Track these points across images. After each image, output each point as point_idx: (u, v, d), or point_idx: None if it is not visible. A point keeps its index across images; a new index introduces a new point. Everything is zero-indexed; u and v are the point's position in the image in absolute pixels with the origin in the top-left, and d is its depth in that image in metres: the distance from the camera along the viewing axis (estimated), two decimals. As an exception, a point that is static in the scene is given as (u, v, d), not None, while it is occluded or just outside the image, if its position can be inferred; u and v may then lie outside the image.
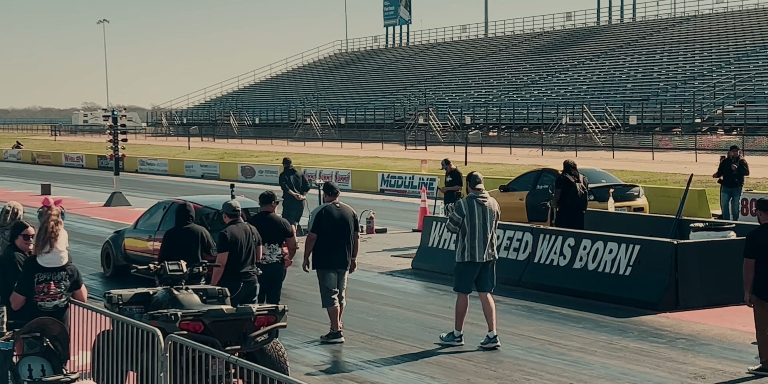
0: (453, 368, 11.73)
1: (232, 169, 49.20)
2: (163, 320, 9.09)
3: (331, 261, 12.88)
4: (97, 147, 74.58)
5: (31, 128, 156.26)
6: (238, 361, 7.41)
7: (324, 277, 12.96)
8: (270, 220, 12.66)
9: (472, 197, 12.68)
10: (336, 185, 13.30)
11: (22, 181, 47.32)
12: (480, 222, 12.51)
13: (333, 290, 12.94)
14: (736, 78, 66.89)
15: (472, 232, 12.52)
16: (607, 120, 67.49)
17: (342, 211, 12.92)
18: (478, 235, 12.52)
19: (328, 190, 13.06)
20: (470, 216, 12.51)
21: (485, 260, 12.63)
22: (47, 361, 8.58)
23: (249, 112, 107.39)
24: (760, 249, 10.93)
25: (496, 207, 12.71)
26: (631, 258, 15.46)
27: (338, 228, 12.84)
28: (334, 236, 12.83)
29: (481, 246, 12.53)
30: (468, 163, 46.83)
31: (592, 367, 11.69)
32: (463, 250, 12.65)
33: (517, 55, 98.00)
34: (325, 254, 12.88)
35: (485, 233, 12.54)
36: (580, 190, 18.67)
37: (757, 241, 10.96)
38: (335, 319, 13.01)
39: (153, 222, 17.78)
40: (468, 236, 12.54)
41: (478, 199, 12.61)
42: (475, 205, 12.56)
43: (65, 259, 9.23)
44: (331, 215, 12.82)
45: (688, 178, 20.34)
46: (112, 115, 33.28)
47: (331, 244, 12.83)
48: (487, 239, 12.56)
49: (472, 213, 12.52)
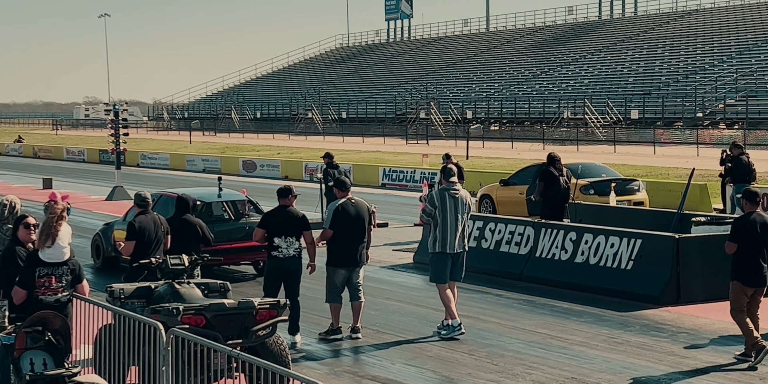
0: (454, 362, 11.73)
1: (233, 164, 49.19)
2: (165, 314, 9.09)
3: (345, 258, 12.81)
4: (98, 141, 74.59)
5: (32, 122, 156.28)
6: (240, 355, 7.41)
7: (334, 274, 12.90)
8: (287, 213, 12.64)
9: (444, 189, 12.95)
10: (348, 180, 13.24)
11: (24, 175, 47.31)
12: (452, 214, 12.82)
13: (339, 287, 12.91)
14: (737, 72, 66.82)
15: (444, 224, 12.83)
16: (608, 114, 67.46)
17: (357, 207, 12.86)
18: (449, 227, 12.82)
19: (341, 185, 12.98)
20: (442, 208, 12.83)
21: (456, 251, 12.91)
22: (49, 355, 8.57)
23: (250, 106, 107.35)
24: (743, 236, 11.43)
25: (468, 199, 13.02)
26: (632, 252, 15.45)
27: (354, 224, 12.76)
28: (350, 233, 12.74)
29: (453, 237, 12.83)
30: (469, 158, 46.81)
31: (594, 361, 11.69)
32: (434, 240, 12.96)
33: (519, 49, 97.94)
34: (339, 251, 12.81)
35: (456, 225, 12.84)
36: (563, 184, 18.89)
37: (742, 228, 11.49)
38: (336, 315, 12.96)
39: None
40: (440, 227, 12.84)
41: (451, 191, 12.89)
42: (447, 197, 12.87)
43: (67, 254, 9.22)
44: (347, 212, 12.74)
45: (690, 172, 20.33)
46: (114, 110, 33.27)
47: (346, 241, 12.74)
48: (458, 230, 12.84)
49: (444, 205, 12.84)
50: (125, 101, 41.53)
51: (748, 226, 11.45)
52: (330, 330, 12.99)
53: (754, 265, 11.44)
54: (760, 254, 11.46)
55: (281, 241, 12.48)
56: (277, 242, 12.48)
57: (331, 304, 12.94)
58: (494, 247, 17.92)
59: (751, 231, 11.42)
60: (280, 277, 12.53)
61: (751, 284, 11.50)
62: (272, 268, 12.58)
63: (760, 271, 11.46)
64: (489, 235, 18.11)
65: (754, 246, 11.44)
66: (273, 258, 12.53)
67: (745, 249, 11.44)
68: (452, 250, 12.88)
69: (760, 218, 11.54)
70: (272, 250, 12.53)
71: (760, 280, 11.51)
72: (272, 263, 12.56)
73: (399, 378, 11.13)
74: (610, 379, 10.93)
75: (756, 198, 11.71)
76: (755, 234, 11.41)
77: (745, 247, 11.45)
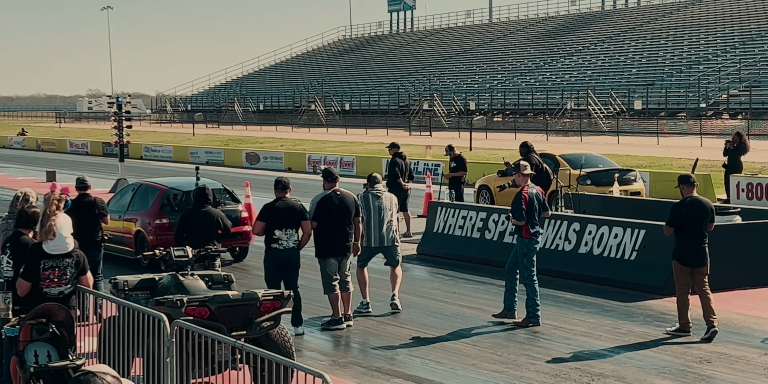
0: (458, 353, 11.74)
1: (236, 156, 49.19)
2: (169, 306, 9.10)
3: (332, 249, 12.98)
4: (101, 134, 74.62)
5: (35, 115, 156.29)
6: (244, 346, 7.41)
7: (325, 264, 13.04)
8: (285, 205, 12.67)
9: (368, 192, 14.00)
10: (335, 171, 13.35)
11: (27, 168, 47.36)
12: (375, 213, 13.83)
13: (334, 277, 13.03)
14: (741, 62, 66.69)
15: (368, 222, 13.79)
16: (611, 105, 67.35)
17: (343, 199, 12.96)
18: (373, 224, 13.82)
19: (327, 176, 13.08)
20: (366, 208, 13.74)
21: (385, 245, 13.96)
22: (53, 347, 8.58)
23: (253, 98, 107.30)
24: (681, 219, 12.25)
25: (391, 199, 14.09)
26: (636, 242, 15.45)
27: (339, 216, 12.93)
28: (335, 224, 12.92)
29: (377, 233, 13.86)
30: (473, 149, 46.78)
31: (598, 351, 11.69)
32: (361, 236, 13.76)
33: (522, 40, 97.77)
34: (326, 242, 12.98)
35: (381, 222, 13.86)
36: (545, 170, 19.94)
37: (679, 212, 12.31)
38: (336, 305, 13.04)
39: (123, 203, 19.13)
40: (365, 224, 13.73)
41: (374, 193, 13.96)
42: (370, 199, 13.87)
43: (71, 245, 9.22)
44: (331, 203, 12.87)
45: (693, 162, 20.32)
46: (117, 102, 33.23)
47: (331, 232, 12.92)
48: (383, 228, 13.87)
49: (367, 206, 13.80)
50: (128, 94, 41.47)
51: (684, 210, 12.23)
52: (332, 320, 13.05)
53: (691, 246, 12.24)
54: (696, 236, 12.24)
55: (281, 233, 12.53)
56: (277, 234, 12.53)
57: (330, 295, 13.04)
58: (498, 238, 17.92)
59: (688, 214, 12.18)
60: (281, 269, 12.58)
61: (689, 264, 12.29)
62: (272, 259, 12.61)
63: (697, 252, 12.25)
64: (492, 226, 18.11)
65: (691, 229, 12.20)
66: (273, 250, 12.57)
67: (684, 231, 12.21)
68: (377, 244, 13.88)
69: (697, 202, 12.31)
70: (272, 242, 12.57)
71: (697, 261, 12.30)
72: (272, 255, 12.60)
73: (403, 369, 11.14)
74: (614, 369, 10.93)
75: (691, 181, 12.44)
76: (692, 217, 12.18)
77: (683, 229, 12.20)
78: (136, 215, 18.46)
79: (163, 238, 17.43)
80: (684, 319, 12.34)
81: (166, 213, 18.05)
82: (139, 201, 18.87)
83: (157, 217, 18.04)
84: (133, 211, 18.58)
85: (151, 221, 18.06)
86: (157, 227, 17.93)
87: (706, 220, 12.38)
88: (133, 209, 18.62)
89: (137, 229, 18.27)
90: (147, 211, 18.35)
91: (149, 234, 17.96)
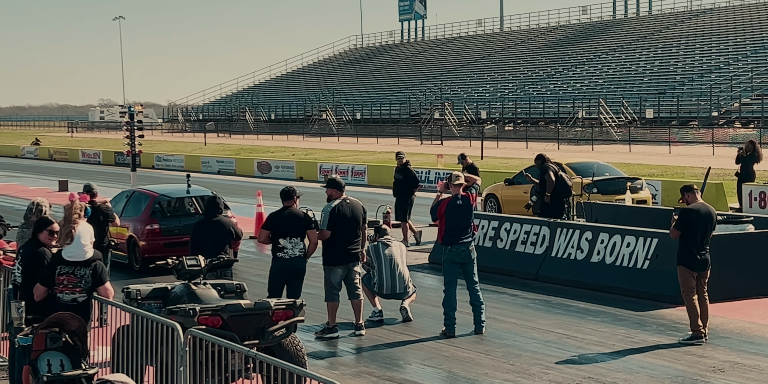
0: (471, 362, 11.72)
1: (248, 165, 49.26)
2: (182, 315, 9.10)
3: (341, 258, 12.99)
4: (113, 143, 74.82)
5: (47, 125, 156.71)
6: (258, 355, 7.42)
7: (331, 273, 13.07)
8: (291, 214, 12.70)
9: (377, 242, 14.34)
10: (341, 180, 13.40)
11: (40, 177, 47.50)
12: (386, 262, 14.15)
13: (337, 286, 13.07)
14: (753, 71, 66.58)
15: (379, 270, 14.15)
16: (623, 114, 67.30)
17: (353, 207, 13.00)
18: (384, 272, 14.15)
19: (335, 185, 13.11)
20: (376, 257, 14.14)
21: (398, 292, 14.21)
22: (66, 356, 8.59)
23: (265, 107, 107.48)
24: (689, 224, 12.47)
25: (401, 248, 14.49)
26: (648, 251, 15.42)
27: (350, 224, 12.95)
28: (346, 233, 12.93)
29: (389, 281, 14.15)
30: (484, 158, 46.75)
31: (610, 360, 11.67)
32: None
33: (533, 49, 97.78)
34: (336, 251, 12.98)
35: (392, 271, 14.19)
36: (567, 180, 20.50)
37: (688, 218, 12.51)
38: (333, 314, 13.12)
39: (117, 209, 19.20)
40: (376, 273, 14.15)
41: (384, 242, 14.31)
42: (380, 248, 14.23)
43: (89, 253, 9.23)
44: (343, 212, 12.89)
45: (706, 171, 20.28)
46: (129, 112, 33.26)
47: (343, 241, 12.93)
48: (395, 275, 14.19)
49: (378, 255, 14.16)
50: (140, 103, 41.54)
51: (693, 215, 12.51)
52: (326, 329, 13.11)
53: (698, 251, 12.46)
54: (703, 241, 12.51)
55: (286, 242, 12.58)
56: (282, 243, 12.57)
57: (329, 303, 13.07)
58: (510, 247, 17.90)
59: (694, 220, 12.47)
60: (285, 278, 12.63)
61: (696, 268, 12.50)
62: (278, 268, 12.67)
63: (703, 256, 12.53)
64: (504, 235, 18.09)
65: (699, 234, 12.47)
66: (279, 259, 12.62)
67: (689, 236, 12.46)
68: (388, 291, 14.13)
69: (704, 208, 12.62)
70: (278, 251, 12.62)
71: (703, 265, 12.55)
72: (278, 264, 12.65)
73: (415, 378, 11.13)
74: (627, 378, 10.90)
75: (692, 187, 12.87)
76: (698, 223, 12.46)
77: (689, 234, 12.46)
78: (129, 221, 19.02)
79: (154, 243, 18.43)
80: (695, 325, 12.43)
81: (156, 219, 18.80)
82: (132, 207, 19.45)
83: (148, 223, 18.71)
84: (125, 218, 19.01)
85: (143, 227, 18.71)
86: (148, 233, 18.61)
87: (712, 225, 12.65)
88: (126, 215, 19.08)
89: (129, 235, 18.89)
90: (139, 217, 19.01)
91: (141, 239, 18.64)
